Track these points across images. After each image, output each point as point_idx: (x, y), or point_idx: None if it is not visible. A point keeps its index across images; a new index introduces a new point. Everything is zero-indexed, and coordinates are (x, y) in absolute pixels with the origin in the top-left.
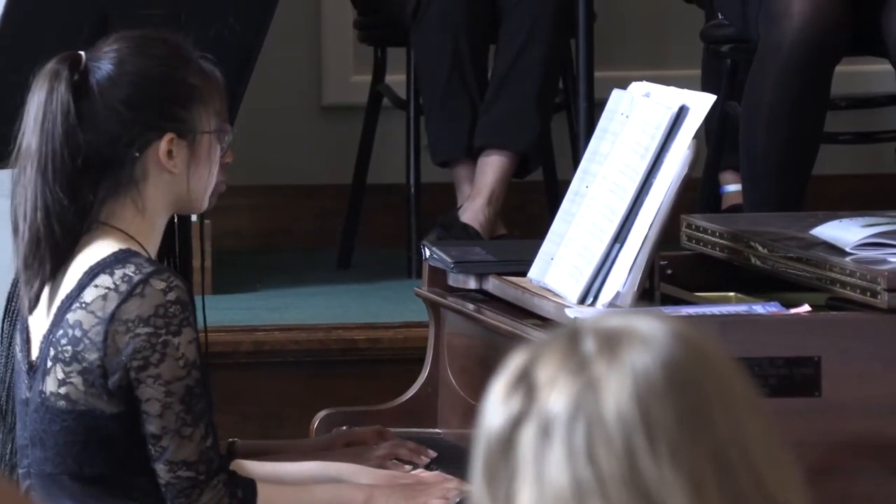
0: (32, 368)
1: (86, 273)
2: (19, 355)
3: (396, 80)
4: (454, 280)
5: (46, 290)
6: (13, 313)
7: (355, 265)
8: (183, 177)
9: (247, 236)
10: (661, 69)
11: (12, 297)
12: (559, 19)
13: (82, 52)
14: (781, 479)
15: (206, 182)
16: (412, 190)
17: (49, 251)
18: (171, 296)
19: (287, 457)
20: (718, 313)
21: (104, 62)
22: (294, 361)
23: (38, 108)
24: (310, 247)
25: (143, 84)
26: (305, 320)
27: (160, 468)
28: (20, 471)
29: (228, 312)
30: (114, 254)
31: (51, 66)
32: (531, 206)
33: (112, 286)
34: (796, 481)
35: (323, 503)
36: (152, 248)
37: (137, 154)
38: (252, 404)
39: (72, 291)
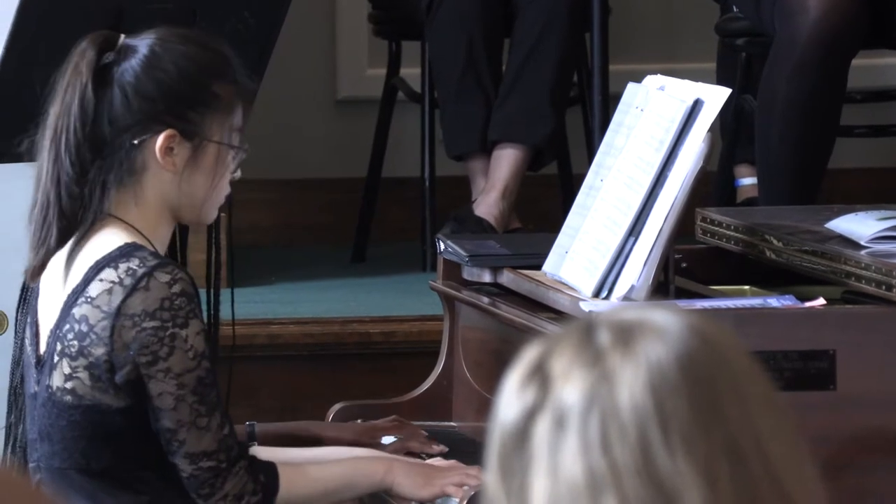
0: (40, 363)
1: (91, 267)
2: (28, 349)
3: (411, 73)
4: (469, 273)
5: (56, 283)
6: (28, 300)
7: (370, 259)
8: (180, 179)
9: (261, 230)
10: (675, 62)
11: (27, 288)
12: (574, 13)
13: (122, 35)
14: (797, 474)
15: (204, 191)
16: (427, 183)
17: (56, 218)
18: (176, 288)
19: (306, 439)
20: (733, 307)
21: (137, 46)
22: (309, 355)
23: (63, 81)
24: (324, 240)
25: (160, 76)
26: (320, 314)
27: (181, 462)
28: (30, 465)
29: (243, 306)
30: (119, 248)
31: (83, 43)
32: (545, 200)
33: (116, 280)
34: (812, 476)
35: (343, 478)
36: (159, 243)
37: (135, 142)
38: (267, 398)
39: (77, 286)
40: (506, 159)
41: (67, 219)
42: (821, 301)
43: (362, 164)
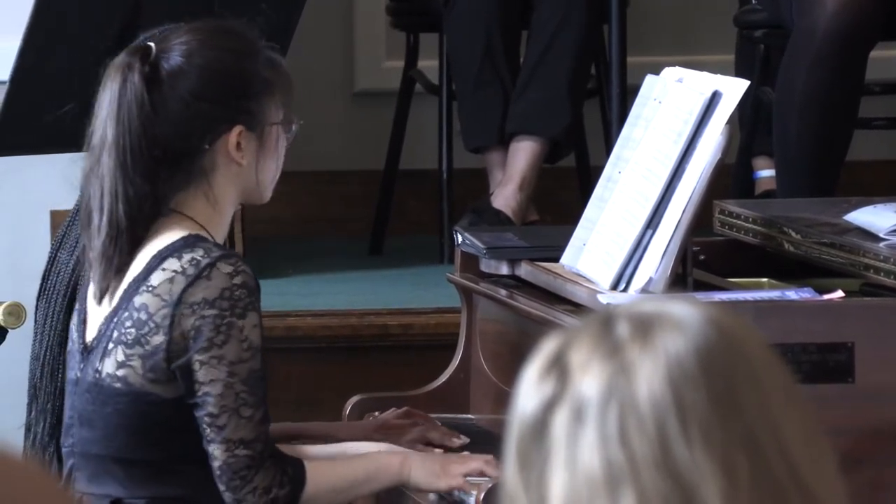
0: (87, 349)
1: (154, 257)
2: (74, 335)
3: (429, 65)
4: (486, 266)
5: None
6: (48, 292)
7: (387, 251)
8: (251, 168)
9: (279, 222)
10: (693, 54)
11: (47, 276)
12: (591, 5)
13: (152, 44)
14: (816, 466)
15: (273, 172)
16: (444, 176)
17: (128, 241)
18: (238, 280)
19: (317, 440)
20: (751, 299)
21: (174, 54)
22: (326, 347)
23: (113, 99)
24: (342, 233)
25: (213, 76)
26: (337, 306)
27: (216, 448)
28: (63, 449)
29: (261, 298)
30: (183, 238)
31: (122, 58)
32: (563, 192)
33: (179, 269)
34: (831, 469)
35: (364, 473)
36: (220, 238)
37: (208, 146)
38: (284, 390)
39: (139, 275)
40: (523, 151)
41: (138, 238)
42: (839, 293)
43: (380, 157)
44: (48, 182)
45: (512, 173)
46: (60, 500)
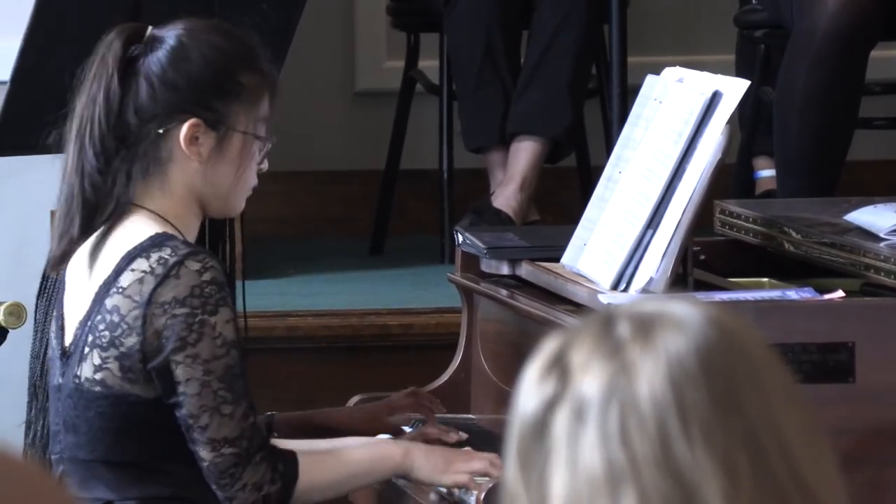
0: (66, 354)
1: (123, 258)
2: (54, 342)
3: (429, 65)
4: (487, 266)
5: (82, 275)
6: (48, 291)
7: (388, 251)
8: (206, 167)
9: (279, 222)
10: (694, 54)
11: (47, 276)
12: (592, 5)
13: (149, 26)
14: (816, 467)
15: (229, 181)
16: (445, 176)
17: (79, 208)
18: (207, 276)
19: (326, 427)
20: (752, 299)
21: (163, 37)
22: (327, 347)
23: (89, 73)
24: (342, 233)
25: (186, 65)
26: (338, 306)
27: (202, 449)
28: (53, 456)
29: (261, 298)
30: (150, 237)
31: (110, 35)
32: (564, 192)
33: (148, 269)
34: (832, 468)
35: (361, 464)
36: (189, 234)
37: (160, 131)
38: (284, 390)
39: (109, 277)
40: (524, 151)
41: (90, 209)
42: (840, 293)
43: (380, 157)
44: (48, 182)
45: (513, 173)
46: (60, 499)
